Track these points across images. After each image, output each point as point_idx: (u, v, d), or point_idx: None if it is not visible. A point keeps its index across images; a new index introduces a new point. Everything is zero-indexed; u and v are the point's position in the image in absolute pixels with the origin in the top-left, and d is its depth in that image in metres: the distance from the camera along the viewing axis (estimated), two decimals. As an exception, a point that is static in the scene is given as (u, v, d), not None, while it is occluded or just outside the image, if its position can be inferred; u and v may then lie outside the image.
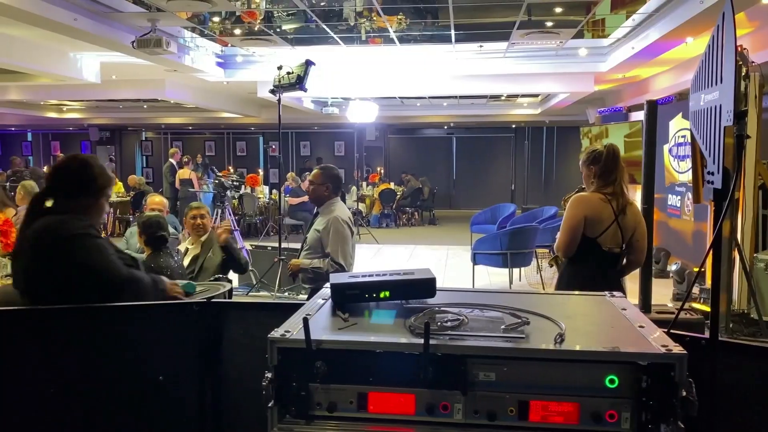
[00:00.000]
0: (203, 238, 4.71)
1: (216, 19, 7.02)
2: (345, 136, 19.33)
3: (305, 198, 12.71)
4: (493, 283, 8.32)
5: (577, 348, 1.18)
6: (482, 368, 1.16)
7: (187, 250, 4.78)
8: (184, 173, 13.45)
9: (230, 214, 10.24)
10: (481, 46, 8.31)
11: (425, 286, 1.43)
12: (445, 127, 19.19)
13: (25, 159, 18.34)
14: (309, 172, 15.85)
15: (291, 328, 1.23)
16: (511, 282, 7.90)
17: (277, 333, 1.21)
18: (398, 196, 14.63)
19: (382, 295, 1.41)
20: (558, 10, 6.50)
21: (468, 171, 19.21)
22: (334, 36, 7.76)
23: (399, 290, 1.42)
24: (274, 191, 13.81)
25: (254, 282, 6.71)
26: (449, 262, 9.96)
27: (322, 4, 6.51)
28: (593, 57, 8.78)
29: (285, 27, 7.55)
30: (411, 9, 6.79)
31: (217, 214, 9.08)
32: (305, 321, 1.16)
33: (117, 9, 6.45)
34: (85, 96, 12.23)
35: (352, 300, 1.41)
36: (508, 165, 19.13)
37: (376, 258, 10.28)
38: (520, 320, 1.26)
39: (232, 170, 15.88)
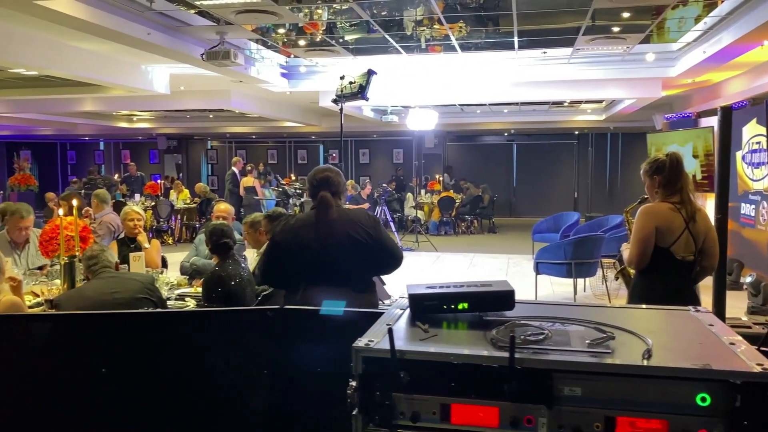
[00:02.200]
0: (262, 249, 4.82)
1: (281, 30, 7.18)
2: (403, 143, 19.40)
3: (365, 205, 12.82)
4: (556, 293, 8.17)
5: (667, 365, 1.15)
6: (568, 383, 1.15)
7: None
8: (248, 181, 13.78)
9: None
10: (544, 52, 8.21)
11: (504, 298, 1.42)
12: (506, 134, 18.99)
13: (98, 167, 19.16)
14: (369, 178, 16.02)
15: (374, 338, 1.25)
16: (575, 292, 7.73)
17: (361, 342, 1.23)
18: (457, 204, 14.56)
19: (460, 306, 1.41)
20: (625, 15, 6.35)
21: (529, 178, 18.95)
22: (396, 45, 7.81)
23: (478, 302, 1.42)
24: (334, 199, 13.97)
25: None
26: (510, 271, 9.84)
27: (383, 13, 6.57)
28: (661, 62, 8.54)
29: (347, 37, 7.66)
30: (472, 16, 6.77)
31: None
32: (390, 331, 1.18)
33: (187, 23, 6.69)
34: (155, 106, 12.69)
35: (429, 311, 1.42)
36: (570, 172, 18.76)
37: (434, 266, 10.25)
38: (605, 335, 1.25)
39: (293, 178, 16.16)
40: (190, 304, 4.26)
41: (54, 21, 5.42)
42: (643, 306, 1.59)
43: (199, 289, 4.54)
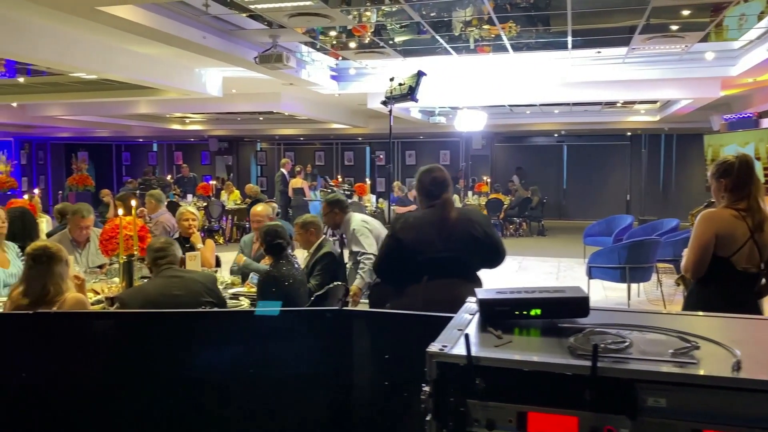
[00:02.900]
0: (312, 249, 4.86)
1: (332, 33, 7.22)
2: (450, 144, 19.30)
3: (412, 207, 12.80)
4: (609, 298, 7.99)
5: (759, 377, 1.10)
6: (652, 393, 1.11)
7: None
8: (297, 182, 13.93)
9: (341, 223, 10.47)
10: (598, 52, 8.04)
11: (578, 305, 1.38)
12: (556, 135, 18.68)
13: (152, 168, 19.67)
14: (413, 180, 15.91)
15: (447, 343, 1.23)
16: (629, 298, 7.54)
17: (435, 347, 1.21)
18: (505, 206, 14.40)
19: (532, 312, 1.37)
20: (685, 12, 6.16)
21: (579, 180, 18.58)
22: (445, 45, 7.77)
23: (551, 308, 1.38)
24: (380, 200, 14.01)
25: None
26: (561, 275, 9.67)
27: (432, 15, 6.55)
28: (721, 61, 8.26)
29: (396, 39, 7.65)
30: (524, 16, 6.68)
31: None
32: (466, 337, 1.16)
33: (241, 26, 6.79)
34: (207, 109, 12.96)
35: (501, 316, 1.39)
36: (623, 174, 18.32)
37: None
38: (689, 344, 1.20)
39: (341, 179, 16.27)
40: (244, 304, 4.31)
41: (115, 26, 5.57)
42: (724, 315, 1.53)
43: (252, 289, 4.60)
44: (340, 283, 4.70)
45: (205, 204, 13.23)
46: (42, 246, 3.31)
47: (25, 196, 8.24)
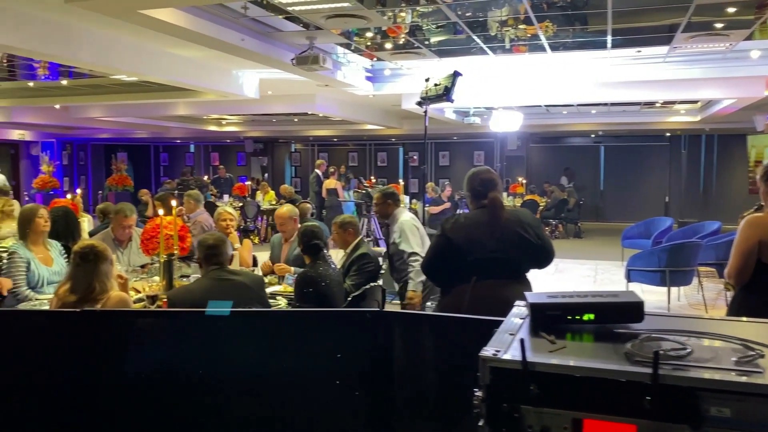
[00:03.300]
0: (349, 249, 4.86)
1: (369, 34, 7.22)
2: (485, 145, 19.15)
3: (447, 205, 12.75)
4: (649, 302, 7.75)
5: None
6: (715, 403, 1.07)
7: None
8: (330, 183, 14.01)
9: (376, 223, 10.49)
10: (639, 51, 7.89)
11: (633, 310, 1.35)
12: (593, 136, 18.40)
13: (190, 169, 19.99)
14: (448, 180, 15.94)
15: (500, 347, 1.21)
16: (669, 302, 7.38)
17: (488, 352, 1.19)
18: (541, 208, 14.23)
19: (585, 317, 1.34)
20: (731, 10, 6.00)
21: (617, 181, 18.26)
22: (483, 45, 7.71)
23: (605, 313, 1.34)
24: (413, 200, 13.98)
25: (396, 289, 6.80)
26: (598, 278, 9.52)
27: (467, 15, 6.50)
28: (766, 59, 8.03)
29: (433, 39, 7.62)
30: (560, 16, 6.59)
31: (363, 224, 9.32)
32: (522, 342, 1.13)
33: (278, 28, 6.84)
34: (243, 111, 13.09)
35: (552, 321, 1.36)
36: (662, 175, 17.94)
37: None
38: (753, 352, 1.15)
39: (374, 180, 16.29)
40: (282, 303, 4.34)
41: (156, 29, 5.67)
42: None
43: (289, 288, 4.63)
44: (377, 284, 4.70)
45: (241, 204, 13.39)
46: (89, 245, 3.38)
47: (68, 196, 8.43)
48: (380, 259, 5.26)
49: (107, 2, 4.81)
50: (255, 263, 5.73)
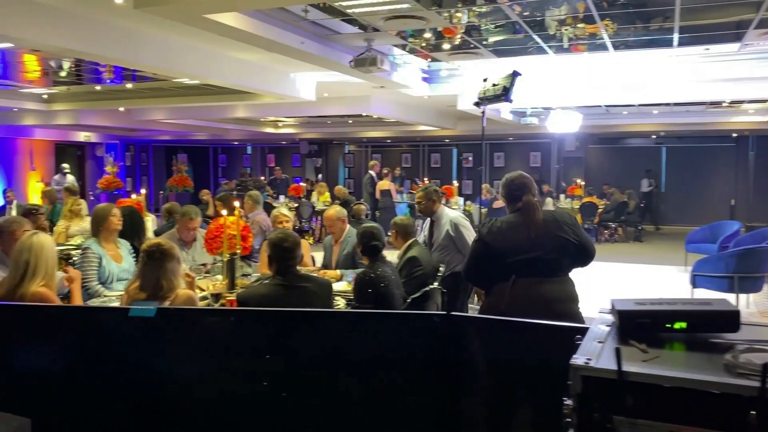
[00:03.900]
0: (401, 251, 4.85)
1: (427, 35, 7.19)
2: (541, 146, 18.84)
3: (501, 203, 12.57)
4: (716, 308, 7.53)
5: None
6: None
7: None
8: (384, 184, 14.02)
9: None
10: (707, 49, 7.61)
11: (728, 319, 1.28)
12: (654, 137, 17.85)
13: (247, 170, 20.38)
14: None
15: (591, 356, 1.16)
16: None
17: (579, 360, 1.15)
18: (600, 210, 13.90)
19: (677, 326, 1.28)
20: (808, 3, 5.72)
21: (679, 184, 17.65)
22: (543, 45, 7.58)
23: (698, 322, 1.29)
24: (468, 202, 13.86)
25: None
26: (660, 284, 9.22)
27: (525, 13, 6.39)
28: (844, 55, 7.64)
29: (490, 39, 7.53)
30: (624, 13, 6.40)
31: (420, 225, 9.28)
32: (618, 351, 1.09)
33: (337, 31, 6.89)
34: (300, 113, 13.24)
35: (642, 329, 1.31)
36: (727, 178, 17.25)
37: (574, 274, 9.82)
38: None
39: (427, 181, 16.23)
40: (341, 304, 4.35)
41: (220, 33, 5.78)
42: None
43: (347, 288, 4.65)
44: (437, 286, 4.66)
45: (296, 205, 13.56)
46: (156, 243, 3.46)
47: (133, 196, 8.70)
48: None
49: (174, 7, 4.93)
50: (313, 263, 5.79)
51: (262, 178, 18.70)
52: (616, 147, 18.83)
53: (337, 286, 4.77)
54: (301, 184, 16.05)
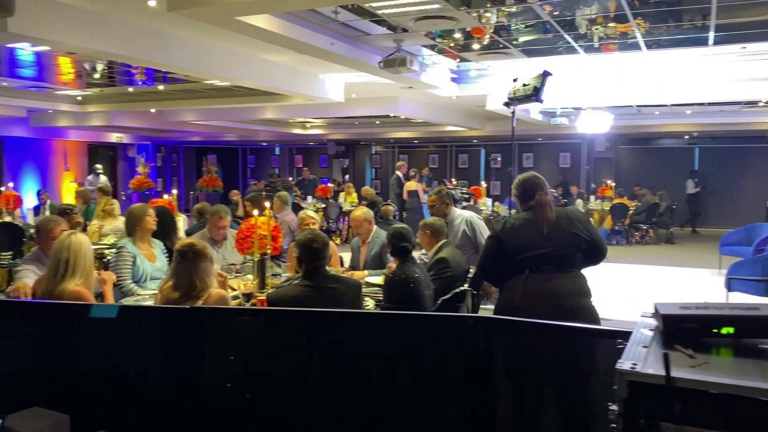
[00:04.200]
0: (431, 252, 4.82)
1: (457, 35, 7.16)
2: (571, 147, 18.63)
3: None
4: (752, 312, 7.36)
5: None
6: None
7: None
8: (411, 185, 14.00)
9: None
10: (743, 47, 7.44)
11: (778, 324, 1.25)
12: (686, 137, 17.53)
13: (275, 170, 20.53)
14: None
15: (637, 360, 1.14)
16: (775, 313, 6.91)
17: (625, 365, 1.13)
18: (631, 212, 13.69)
19: (724, 331, 1.25)
20: None
21: (712, 185, 17.28)
22: (574, 44, 7.49)
23: (746, 327, 1.25)
24: (496, 203, 13.77)
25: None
26: (693, 287, 9.05)
27: (555, 13, 6.32)
28: None
29: (521, 39, 7.47)
30: (654, 12, 6.29)
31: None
32: (666, 357, 1.07)
33: (366, 32, 6.90)
34: (328, 114, 13.29)
35: (688, 334, 1.28)
36: (763, 179, 16.84)
37: (606, 278, 9.67)
38: None
39: (455, 182, 16.18)
40: (370, 305, 4.34)
41: (251, 35, 5.83)
42: None
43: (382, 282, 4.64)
44: (467, 288, 4.63)
45: (323, 206, 13.61)
46: (188, 243, 3.50)
47: (165, 196, 8.82)
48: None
49: (206, 10, 4.98)
50: (341, 264, 5.80)
51: (290, 178, 18.80)
52: (648, 147, 18.53)
53: (372, 280, 4.78)
54: (329, 185, 16.11)
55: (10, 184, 12.62)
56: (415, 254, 4.63)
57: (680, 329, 1.27)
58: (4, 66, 9.08)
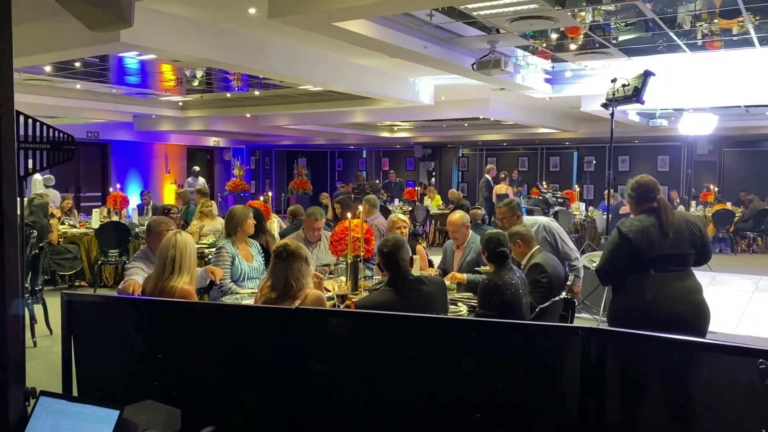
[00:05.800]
0: (525, 260, 4.68)
1: (554, 35, 6.98)
2: (671, 149, 17.75)
3: (627, 209, 11.97)
4: None
5: None
6: None
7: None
8: (501, 188, 13.78)
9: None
10: None
11: None
12: (799, 139, 16.35)
13: (362, 173, 20.78)
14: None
15: None
16: None
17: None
18: (737, 218, 12.88)
19: None
20: None
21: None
22: (679, 42, 7.13)
23: None
24: (590, 208, 13.32)
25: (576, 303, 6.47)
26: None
27: (655, 10, 6.03)
28: None
29: (621, 38, 7.19)
30: (764, 7, 5.86)
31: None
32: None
33: (460, 34, 6.84)
34: (416, 117, 13.32)
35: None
36: None
37: (710, 288, 9.13)
38: None
39: (546, 186, 15.79)
40: (462, 310, 4.28)
41: (346, 40, 5.92)
42: None
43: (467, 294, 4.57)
44: (562, 296, 4.48)
45: (410, 209, 13.62)
46: (283, 244, 3.56)
47: (261, 198, 9.10)
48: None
49: (305, 17, 5.09)
50: (431, 265, 5.75)
51: (377, 181, 18.97)
52: (756, 150, 17.35)
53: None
54: (415, 188, 16.14)
55: (117, 186, 13.43)
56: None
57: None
58: (113, 74, 9.66)
